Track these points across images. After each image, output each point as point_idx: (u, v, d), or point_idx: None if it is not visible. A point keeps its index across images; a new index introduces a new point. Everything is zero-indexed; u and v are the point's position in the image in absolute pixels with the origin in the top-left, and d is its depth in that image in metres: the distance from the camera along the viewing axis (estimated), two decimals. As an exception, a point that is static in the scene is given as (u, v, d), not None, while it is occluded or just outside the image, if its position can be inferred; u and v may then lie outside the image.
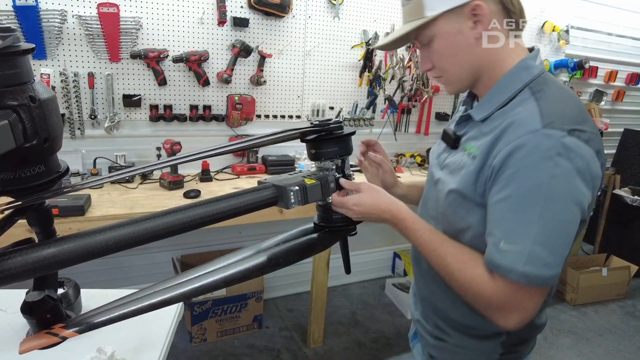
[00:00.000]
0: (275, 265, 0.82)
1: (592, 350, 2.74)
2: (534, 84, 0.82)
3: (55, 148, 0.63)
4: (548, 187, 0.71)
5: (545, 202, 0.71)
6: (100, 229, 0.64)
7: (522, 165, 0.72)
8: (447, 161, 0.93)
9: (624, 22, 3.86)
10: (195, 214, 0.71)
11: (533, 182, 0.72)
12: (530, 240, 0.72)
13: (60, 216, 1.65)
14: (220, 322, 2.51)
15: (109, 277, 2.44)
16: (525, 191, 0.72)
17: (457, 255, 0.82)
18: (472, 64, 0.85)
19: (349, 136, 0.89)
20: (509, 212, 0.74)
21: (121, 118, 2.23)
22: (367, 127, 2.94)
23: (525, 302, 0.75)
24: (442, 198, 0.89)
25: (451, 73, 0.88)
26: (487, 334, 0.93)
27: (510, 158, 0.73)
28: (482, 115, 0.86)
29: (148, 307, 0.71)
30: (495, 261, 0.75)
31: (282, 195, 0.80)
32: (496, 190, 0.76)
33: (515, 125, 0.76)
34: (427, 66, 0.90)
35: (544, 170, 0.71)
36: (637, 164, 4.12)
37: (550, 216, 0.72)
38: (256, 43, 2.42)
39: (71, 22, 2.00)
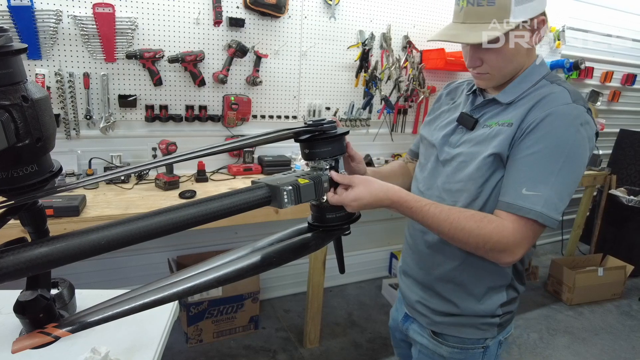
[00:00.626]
0: (268, 264, 0.83)
1: (588, 349, 2.75)
2: (549, 77, 1.01)
3: (48, 148, 0.62)
4: (571, 146, 0.89)
5: (566, 158, 0.88)
6: (93, 228, 0.64)
7: (555, 126, 0.89)
8: (464, 139, 1.06)
9: (619, 23, 3.88)
10: (188, 214, 0.71)
11: (560, 141, 0.89)
12: (549, 188, 0.88)
13: (55, 216, 1.65)
14: (217, 323, 2.51)
15: (104, 278, 2.44)
16: (553, 147, 0.89)
17: (470, 216, 0.92)
18: (517, 66, 1.00)
19: (343, 136, 0.90)
20: (534, 164, 0.90)
21: (117, 118, 2.23)
22: (364, 128, 2.95)
23: (531, 238, 0.91)
24: (469, 167, 1.01)
25: (501, 72, 1.00)
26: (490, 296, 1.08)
27: (545, 121, 0.90)
28: (509, 99, 1.01)
29: (141, 306, 0.71)
30: (518, 204, 0.90)
31: (276, 195, 0.80)
32: (526, 146, 0.91)
33: (549, 99, 0.93)
34: (475, 63, 1.00)
35: (570, 133, 0.89)
36: (633, 165, 4.14)
37: (567, 171, 0.89)
38: (252, 43, 2.42)
39: (66, 23, 2.00)
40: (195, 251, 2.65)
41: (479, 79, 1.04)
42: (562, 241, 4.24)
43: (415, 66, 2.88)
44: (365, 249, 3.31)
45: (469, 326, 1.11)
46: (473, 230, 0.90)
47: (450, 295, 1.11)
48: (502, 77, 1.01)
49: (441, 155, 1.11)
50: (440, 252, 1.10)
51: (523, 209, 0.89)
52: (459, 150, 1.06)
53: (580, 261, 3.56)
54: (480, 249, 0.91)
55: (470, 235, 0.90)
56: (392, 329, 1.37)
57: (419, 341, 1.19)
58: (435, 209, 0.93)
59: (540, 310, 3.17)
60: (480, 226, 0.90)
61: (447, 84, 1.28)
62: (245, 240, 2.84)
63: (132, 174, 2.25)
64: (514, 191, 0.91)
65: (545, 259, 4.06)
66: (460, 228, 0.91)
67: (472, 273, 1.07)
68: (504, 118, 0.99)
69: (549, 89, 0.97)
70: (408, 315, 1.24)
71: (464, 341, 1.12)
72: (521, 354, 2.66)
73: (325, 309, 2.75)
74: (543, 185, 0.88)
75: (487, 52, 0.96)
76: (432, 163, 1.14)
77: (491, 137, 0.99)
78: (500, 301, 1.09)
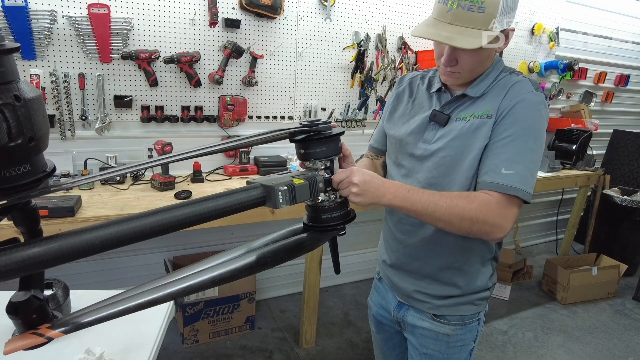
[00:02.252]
0: (263, 265, 0.83)
1: (583, 348, 2.76)
2: (505, 69, 1.13)
3: (41, 147, 0.62)
4: (537, 128, 1.02)
5: (534, 138, 1.01)
6: (87, 229, 0.64)
7: (523, 112, 1.01)
8: (439, 134, 1.12)
9: (613, 24, 3.91)
10: (183, 214, 0.71)
11: (528, 124, 1.01)
12: (522, 166, 0.99)
13: (49, 217, 1.64)
14: (213, 323, 2.50)
15: (100, 278, 2.43)
16: (523, 129, 1.00)
17: (457, 195, 1.01)
18: (485, 68, 1.10)
19: (338, 136, 0.90)
20: (509, 146, 1.00)
21: (112, 119, 2.22)
22: (359, 128, 2.95)
23: (515, 213, 1.00)
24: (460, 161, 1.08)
25: (471, 72, 1.08)
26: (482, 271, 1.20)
27: (515, 108, 1.02)
28: (479, 93, 1.10)
29: (135, 307, 0.71)
30: (498, 182, 0.99)
31: (271, 195, 0.80)
32: (501, 130, 1.02)
33: (516, 87, 1.05)
34: (451, 62, 1.06)
35: (535, 116, 1.02)
36: (626, 165, 4.17)
37: (536, 148, 1.02)
38: (248, 44, 2.42)
39: (61, 23, 1.99)
40: (192, 252, 2.65)
41: (449, 76, 1.10)
42: (556, 241, 4.26)
43: (411, 67, 2.89)
44: (361, 248, 3.31)
45: (466, 303, 1.21)
46: (465, 206, 0.97)
47: (451, 279, 1.19)
48: (470, 77, 1.10)
49: (416, 151, 1.17)
50: (436, 243, 1.16)
51: (504, 186, 0.98)
52: (438, 146, 1.11)
53: (575, 261, 3.58)
54: (474, 224, 0.98)
55: (464, 210, 0.97)
56: (378, 316, 1.41)
57: (420, 325, 1.26)
58: (429, 192, 1.00)
59: (535, 310, 3.19)
60: (469, 200, 0.98)
61: (400, 78, 1.34)
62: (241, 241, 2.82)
63: (128, 175, 2.24)
64: (493, 171, 1.00)
65: (539, 258, 4.08)
66: (454, 205, 0.97)
67: (466, 255, 1.17)
68: (480, 110, 1.08)
69: (512, 78, 1.08)
70: (402, 303, 1.30)
71: (464, 318, 1.22)
72: (516, 353, 2.67)
73: (321, 308, 2.76)
74: (518, 164, 0.99)
75: (464, 54, 1.03)
76: (407, 160, 1.20)
77: (473, 130, 1.06)
78: (488, 274, 1.22)
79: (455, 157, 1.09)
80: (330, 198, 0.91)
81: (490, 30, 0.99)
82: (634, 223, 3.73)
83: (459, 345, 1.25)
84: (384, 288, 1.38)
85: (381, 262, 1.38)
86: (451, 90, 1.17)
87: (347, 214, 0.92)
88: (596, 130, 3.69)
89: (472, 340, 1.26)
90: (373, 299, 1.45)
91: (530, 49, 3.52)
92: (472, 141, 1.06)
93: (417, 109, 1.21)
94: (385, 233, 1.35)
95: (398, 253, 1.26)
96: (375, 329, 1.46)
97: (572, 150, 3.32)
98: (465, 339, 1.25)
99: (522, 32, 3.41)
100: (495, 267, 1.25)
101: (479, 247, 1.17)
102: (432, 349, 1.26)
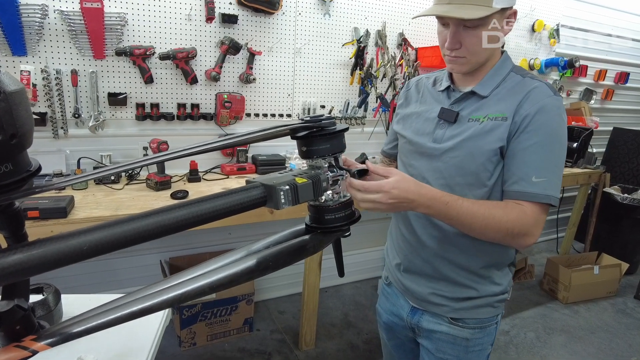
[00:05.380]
0: (264, 269, 0.78)
1: (585, 348, 2.74)
2: (515, 69, 1.11)
3: (25, 145, 0.57)
4: (561, 133, 1.02)
5: (559, 142, 1.01)
6: (75, 233, 0.59)
7: (546, 118, 1.00)
8: (450, 133, 1.10)
9: (613, 21, 3.89)
10: (178, 216, 0.66)
11: (552, 129, 1.00)
12: (551, 172, 1.00)
13: (40, 218, 1.59)
14: (210, 326, 2.46)
15: (95, 280, 2.38)
16: (548, 135, 1.00)
17: (494, 205, 1.01)
18: (489, 54, 1.07)
19: (342, 132, 0.85)
20: (537, 153, 1.00)
21: (106, 117, 2.17)
22: (359, 126, 2.91)
23: (544, 218, 1.02)
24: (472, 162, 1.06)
25: (477, 57, 1.05)
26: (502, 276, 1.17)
27: (538, 114, 1.00)
28: (487, 91, 1.08)
29: (128, 315, 0.67)
30: (531, 191, 0.99)
31: (272, 195, 0.75)
32: (525, 138, 1.00)
33: (536, 93, 1.02)
34: (455, 45, 1.04)
35: (558, 122, 1.01)
36: (626, 163, 4.15)
37: (561, 153, 1.02)
38: (245, 40, 2.37)
39: (53, 18, 1.94)
40: (189, 252, 2.60)
41: (454, 62, 1.08)
42: (557, 239, 4.23)
43: (411, 64, 2.85)
44: (361, 248, 3.27)
45: (485, 306, 1.18)
46: (502, 217, 0.97)
47: (469, 282, 1.16)
48: (476, 63, 1.07)
49: (427, 151, 1.14)
50: (451, 244, 1.13)
51: (538, 195, 0.99)
52: (449, 145, 1.09)
53: (576, 259, 3.56)
54: (509, 236, 0.98)
55: (501, 222, 0.97)
56: (390, 323, 1.36)
57: (437, 329, 1.22)
58: (466, 201, 0.98)
59: (537, 309, 3.16)
60: (506, 212, 0.98)
61: (407, 82, 1.34)
62: (240, 241, 2.80)
63: (123, 174, 2.19)
64: (524, 180, 1.00)
65: (540, 257, 4.05)
66: (492, 216, 0.97)
67: (485, 259, 1.14)
68: (493, 111, 1.06)
69: (528, 82, 1.05)
70: (416, 308, 1.26)
71: (483, 321, 1.19)
72: (518, 353, 2.63)
73: (320, 309, 2.71)
74: (547, 170, 0.99)
75: (467, 35, 1.02)
76: (417, 159, 1.18)
77: (486, 132, 1.04)
78: (508, 278, 1.21)
79: (465, 158, 1.07)
80: (334, 198, 0.86)
81: (491, 6, 0.97)
82: (634, 221, 3.71)
83: (477, 350, 1.21)
84: (394, 294, 1.33)
85: (392, 266, 1.32)
86: (459, 87, 1.15)
87: (352, 215, 0.88)
88: (596, 128, 3.66)
89: (489, 344, 1.24)
90: (382, 306, 1.40)
91: (530, 46, 3.49)
92: (484, 143, 1.05)
93: (426, 108, 1.19)
94: (394, 235, 1.30)
95: (411, 256, 1.22)
96: (387, 335, 1.41)
97: (573, 148, 3.29)
98: (483, 342, 1.22)
99: (522, 29, 3.38)
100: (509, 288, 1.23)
101: (498, 251, 1.14)
102: (449, 354, 1.22)
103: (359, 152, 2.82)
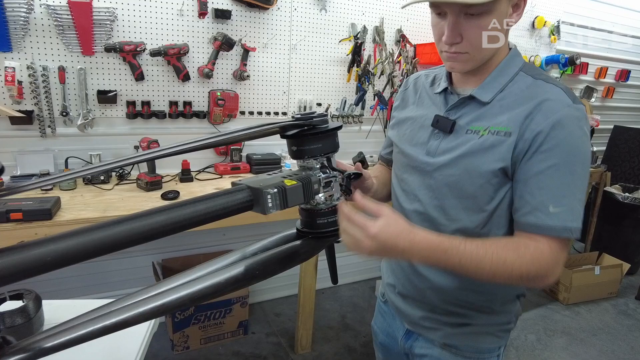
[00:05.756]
0: (251, 278, 0.73)
1: (587, 351, 2.69)
2: (525, 69, 0.92)
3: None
4: (582, 151, 0.83)
5: (580, 164, 0.83)
6: (39, 242, 0.53)
7: (565, 134, 0.82)
8: (445, 146, 0.94)
9: (614, 18, 3.83)
10: (155, 222, 0.60)
11: (572, 148, 0.82)
12: (571, 198, 0.83)
13: (24, 221, 1.52)
14: (204, 329, 2.40)
15: (85, 283, 2.31)
16: (567, 156, 0.82)
17: (504, 245, 0.83)
18: (495, 49, 0.89)
19: (335, 131, 0.80)
20: (554, 178, 0.82)
21: (96, 115, 2.10)
22: (356, 124, 2.85)
23: (566, 254, 0.85)
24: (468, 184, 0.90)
25: (481, 52, 0.88)
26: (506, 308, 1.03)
27: (554, 130, 0.82)
28: (489, 96, 0.91)
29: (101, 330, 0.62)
30: (549, 224, 0.82)
31: (258, 199, 0.70)
32: (539, 160, 0.83)
33: (550, 104, 0.84)
34: (456, 39, 0.86)
35: (579, 138, 0.83)
36: (628, 161, 4.10)
37: (583, 174, 0.84)
38: (239, 36, 2.31)
39: (39, 12, 1.87)
40: (182, 254, 2.54)
41: (454, 60, 0.89)
42: (557, 239, 4.18)
43: (409, 61, 2.79)
44: (359, 249, 3.21)
45: (486, 334, 1.03)
46: (515, 261, 0.80)
47: (467, 314, 1.02)
48: (480, 59, 0.89)
49: (419, 165, 0.99)
50: (448, 276, 0.98)
51: (556, 228, 0.82)
52: (443, 160, 0.93)
53: (576, 260, 3.51)
54: (523, 280, 0.82)
55: (513, 268, 0.80)
56: (386, 344, 1.23)
57: (427, 354, 1.08)
58: (470, 245, 0.80)
59: (537, 311, 3.11)
60: (519, 254, 0.81)
61: (405, 80, 1.17)
62: (235, 242, 2.74)
63: (113, 174, 2.12)
64: (540, 211, 0.83)
65: (540, 257, 4.00)
66: (502, 262, 0.80)
67: (487, 296, 0.99)
68: (496, 123, 0.88)
69: (541, 87, 0.87)
70: (411, 331, 1.12)
71: (481, 350, 1.04)
72: (519, 356, 2.58)
73: (317, 312, 2.66)
74: (566, 197, 0.83)
75: (470, 25, 0.83)
76: (409, 173, 1.03)
77: (486, 148, 0.88)
78: (516, 308, 1.06)
79: (461, 177, 0.91)
80: (327, 201, 0.80)
81: None
82: (635, 221, 3.66)
83: None
84: (390, 313, 1.20)
85: (386, 285, 1.20)
86: (458, 90, 0.98)
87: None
88: (597, 127, 3.61)
89: None
90: (378, 325, 1.26)
91: (531, 43, 3.43)
92: (482, 162, 0.88)
93: (422, 113, 1.03)
94: None
95: (404, 281, 1.08)
96: (383, 356, 1.28)
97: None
98: None
99: (523, 26, 3.32)
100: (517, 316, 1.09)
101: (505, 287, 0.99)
102: None
103: (356, 151, 2.75)
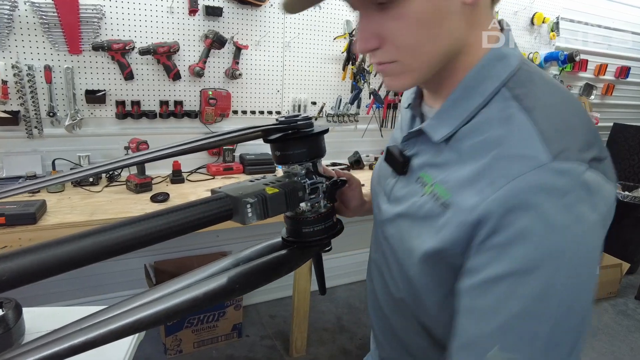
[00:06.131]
0: (231, 292, 0.68)
1: (586, 353, 2.65)
2: (512, 81, 0.54)
3: None
4: (570, 257, 0.45)
5: (566, 280, 0.45)
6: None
7: (528, 225, 0.44)
8: (395, 192, 0.68)
9: (614, 14, 3.79)
10: (120, 236, 0.56)
11: (546, 252, 0.44)
12: (543, 341, 0.45)
13: (7, 225, 1.48)
14: (197, 332, 2.35)
15: (75, 286, 2.27)
16: (533, 266, 0.45)
17: None
18: (446, 44, 0.53)
19: (322, 135, 0.75)
20: (506, 300, 0.46)
21: (84, 115, 2.05)
22: (352, 123, 2.80)
23: None
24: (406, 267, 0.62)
25: (419, 57, 0.54)
26: None
27: (509, 214, 0.45)
28: (443, 133, 0.57)
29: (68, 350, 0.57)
30: None
31: (238, 208, 0.65)
32: (483, 263, 0.48)
33: (505, 159, 0.48)
34: (371, 44, 0.56)
35: (563, 232, 0.44)
36: (627, 159, 4.06)
37: (571, 299, 0.45)
38: (231, 34, 2.26)
39: (23, 10, 1.82)
40: (175, 256, 2.49)
41: (386, 74, 0.59)
42: (555, 238, 4.15)
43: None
44: (355, 249, 3.17)
45: None
46: None
47: None
48: (425, 69, 0.55)
49: (378, 213, 0.74)
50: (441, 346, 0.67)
51: None
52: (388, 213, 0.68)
53: (575, 259, 3.47)
54: None
55: None
56: None
57: None
58: None
59: (536, 311, 3.07)
60: None
61: None
62: (228, 244, 2.69)
63: (104, 176, 2.08)
64: (474, 350, 0.49)
65: (539, 256, 3.97)
66: None
67: None
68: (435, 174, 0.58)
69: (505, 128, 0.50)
70: None
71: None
72: (517, 358, 2.55)
73: (313, 313, 2.62)
74: (530, 339, 0.46)
75: (385, 20, 0.53)
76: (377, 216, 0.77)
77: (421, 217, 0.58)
78: None
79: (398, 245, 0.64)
80: (313, 208, 0.76)
81: None
82: (635, 220, 3.62)
83: None
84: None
85: None
86: (425, 108, 0.68)
87: (333, 227, 0.78)
88: (597, 124, 3.57)
89: None
90: None
91: (530, 40, 3.38)
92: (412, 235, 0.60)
93: (395, 135, 0.80)
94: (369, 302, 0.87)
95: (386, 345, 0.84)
96: None
97: (573, 145, 3.19)
98: None
99: (521, 22, 3.27)
100: None
101: None
102: None
103: (352, 151, 2.71)
